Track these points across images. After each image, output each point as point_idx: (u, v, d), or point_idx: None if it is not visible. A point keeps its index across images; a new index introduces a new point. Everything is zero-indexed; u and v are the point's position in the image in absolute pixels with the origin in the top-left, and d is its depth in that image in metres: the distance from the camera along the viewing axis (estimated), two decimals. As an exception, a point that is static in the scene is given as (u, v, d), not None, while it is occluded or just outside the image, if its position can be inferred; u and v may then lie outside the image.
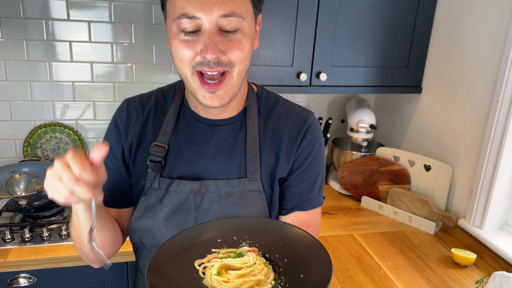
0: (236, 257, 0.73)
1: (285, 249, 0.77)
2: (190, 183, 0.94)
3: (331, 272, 0.68)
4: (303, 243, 0.77)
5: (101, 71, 1.93)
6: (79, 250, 0.97)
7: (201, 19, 0.79)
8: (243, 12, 0.82)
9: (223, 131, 0.97)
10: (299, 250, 0.76)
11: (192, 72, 0.84)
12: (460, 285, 1.37)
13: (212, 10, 0.78)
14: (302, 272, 0.71)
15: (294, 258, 0.75)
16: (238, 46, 0.83)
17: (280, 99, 1.03)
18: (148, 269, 0.72)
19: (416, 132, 1.95)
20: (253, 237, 0.82)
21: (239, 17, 0.81)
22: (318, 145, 1.00)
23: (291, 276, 0.71)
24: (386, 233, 1.67)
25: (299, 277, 0.70)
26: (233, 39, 0.82)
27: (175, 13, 0.81)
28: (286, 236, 0.80)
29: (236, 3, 0.80)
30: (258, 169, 0.95)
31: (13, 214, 1.64)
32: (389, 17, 1.71)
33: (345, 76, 1.75)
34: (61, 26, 1.83)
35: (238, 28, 0.82)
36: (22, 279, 1.41)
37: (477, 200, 1.56)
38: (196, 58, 0.82)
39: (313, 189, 1.00)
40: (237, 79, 0.87)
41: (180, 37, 0.82)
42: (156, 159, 0.95)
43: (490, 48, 1.51)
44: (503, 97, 1.44)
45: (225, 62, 0.82)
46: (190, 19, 0.79)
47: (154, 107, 1.00)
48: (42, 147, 1.96)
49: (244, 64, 0.86)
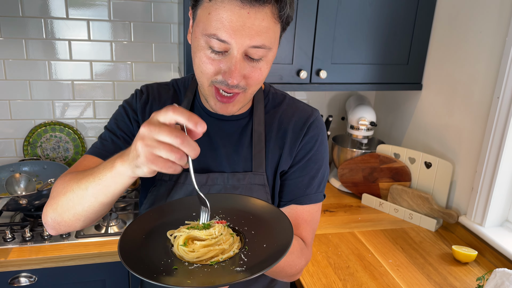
0: (203, 228, 0.78)
1: (254, 222, 0.84)
2: (197, 176, 0.97)
3: (291, 242, 0.74)
4: (272, 217, 0.84)
5: (100, 70, 1.93)
6: (78, 205, 0.81)
7: (231, 45, 0.80)
8: (272, 42, 0.83)
9: (231, 125, 1.00)
10: (266, 223, 0.83)
11: (210, 84, 0.86)
12: (461, 282, 1.37)
13: (244, 40, 0.79)
14: (265, 242, 0.78)
15: (261, 230, 0.82)
16: (258, 72, 0.85)
17: (287, 97, 1.07)
18: (121, 236, 0.76)
19: (416, 129, 1.95)
20: (226, 212, 0.88)
21: (267, 48, 0.83)
22: (320, 141, 1.02)
23: (255, 246, 0.78)
24: (387, 231, 1.67)
25: (262, 246, 0.77)
26: (256, 66, 0.84)
27: (206, 29, 0.81)
28: (256, 210, 0.87)
29: (268, 36, 0.81)
30: (263, 163, 0.99)
31: (14, 214, 1.64)
32: (388, 13, 1.71)
33: (345, 73, 1.75)
34: (60, 24, 1.82)
35: (264, 57, 0.84)
36: (23, 278, 1.42)
37: (477, 197, 1.56)
38: (218, 76, 0.84)
39: (312, 184, 1.02)
40: (249, 96, 0.90)
41: (206, 53, 0.83)
42: None
43: (490, 45, 1.51)
44: (503, 94, 1.43)
45: (242, 85, 0.85)
46: (220, 42, 0.80)
47: (171, 98, 1.04)
48: (42, 146, 1.95)
49: (259, 86, 0.89)
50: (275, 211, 0.86)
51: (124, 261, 0.70)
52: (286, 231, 0.79)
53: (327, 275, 1.37)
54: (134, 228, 0.81)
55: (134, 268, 0.68)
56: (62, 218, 0.84)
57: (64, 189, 0.83)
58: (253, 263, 0.73)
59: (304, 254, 0.99)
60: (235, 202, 0.90)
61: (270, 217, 0.85)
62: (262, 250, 0.76)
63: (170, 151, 0.64)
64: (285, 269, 0.95)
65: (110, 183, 0.74)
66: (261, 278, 1.09)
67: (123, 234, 0.78)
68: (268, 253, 0.75)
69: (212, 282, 0.68)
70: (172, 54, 1.98)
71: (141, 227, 0.82)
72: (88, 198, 0.78)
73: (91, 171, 0.78)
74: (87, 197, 0.78)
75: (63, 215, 0.83)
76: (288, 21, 0.86)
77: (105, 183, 0.75)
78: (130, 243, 0.76)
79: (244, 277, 0.67)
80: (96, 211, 0.81)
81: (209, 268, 0.73)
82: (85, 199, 0.78)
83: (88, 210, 0.81)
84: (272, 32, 0.82)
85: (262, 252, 0.75)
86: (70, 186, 0.81)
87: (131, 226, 0.81)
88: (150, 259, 0.74)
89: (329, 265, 1.43)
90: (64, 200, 0.82)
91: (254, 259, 0.74)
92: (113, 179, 0.73)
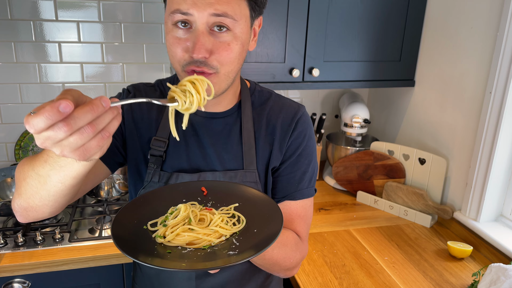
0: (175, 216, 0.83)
1: (246, 208, 0.88)
2: (188, 176, 0.98)
3: (280, 228, 0.76)
4: (262, 203, 0.87)
5: (91, 72, 1.91)
6: (42, 191, 0.76)
7: (193, 16, 0.81)
8: (236, 14, 0.83)
9: (218, 124, 1.01)
10: (255, 209, 0.86)
11: (182, 70, 0.87)
12: (457, 277, 1.37)
13: (205, 8, 0.80)
14: (255, 228, 0.81)
15: (251, 216, 0.85)
16: (226, 48, 0.84)
17: (273, 94, 1.08)
18: (114, 220, 0.79)
19: (410, 125, 1.95)
20: (216, 199, 0.91)
21: (231, 19, 0.82)
22: (308, 136, 1.04)
23: (245, 231, 0.81)
24: (382, 228, 1.67)
25: (253, 232, 0.80)
26: (222, 40, 0.84)
27: (170, 7, 0.83)
28: (246, 197, 0.90)
29: (230, 5, 0.82)
30: (254, 161, 1.00)
31: (6, 219, 1.62)
32: (380, 10, 1.70)
33: (338, 71, 1.74)
34: (49, 27, 1.80)
35: (229, 30, 0.83)
36: (16, 284, 1.40)
37: (472, 192, 1.56)
38: (185, 56, 0.84)
39: (303, 179, 1.03)
40: (223, 78, 0.88)
41: (173, 33, 0.85)
42: (157, 153, 0.99)
43: (482, 40, 1.51)
44: (495, 89, 1.44)
45: (211, 64, 0.84)
46: (183, 15, 0.82)
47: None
48: (34, 150, 1.93)
49: (231, 66, 0.87)
50: (263, 197, 0.88)
51: (120, 247, 0.71)
52: (276, 216, 0.81)
53: (323, 274, 1.37)
54: (126, 214, 0.83)
55: (129, 253, 0.70)
56: (28, 204, 0.80)
57: (21, 175, 0.78)
58: (245, 247, 0.75)
59: (300, 248, 1.00)
60: (225, 189, 0.93)
61: (259, 203, 0.87)
62: (253, 235, 0.79)
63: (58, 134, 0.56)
64: (279, 262, 0.96)
65: (76, 166, 0.68)
66: (256, 275, 1.08)
67: (116, 219, 0.80)
68: (259, 237, 0.77)
69: (206, 265, 0.70)
70: (163, 55, 1.96)
71: (133, 212, 0.85)
72: (53, 184, 0.72)
73: (44, 158, 0.71)
74: (52, 183, 0.72)
75: (28, 200, 0.79)
76: (258, 2, 0.87)
77: (70, 168, 0.69)
78: (123, 228, 0.79)
79: (238, 260, 0.69)
80: (65, 194, 0.76)
81: (202, 251, 0.75)
82: (49, 184, 0.73)
83: (55, 194, 0.75)
84: (236, 3, 0.83)
85: (253, 237, 0.78)
86: (27, 172, 0.76)
87: (124, 210, 0.84)
88: (144, 244, 0.77)
89: (325, 263, 1.43)
90: (25, 186, 0.77)
91: (246, 243, 0.77)
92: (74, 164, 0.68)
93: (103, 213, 1.68)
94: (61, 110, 0.54)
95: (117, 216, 0.81)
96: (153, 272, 1.08)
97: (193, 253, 0.75)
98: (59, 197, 0.77)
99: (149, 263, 0.68)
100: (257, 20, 0.92)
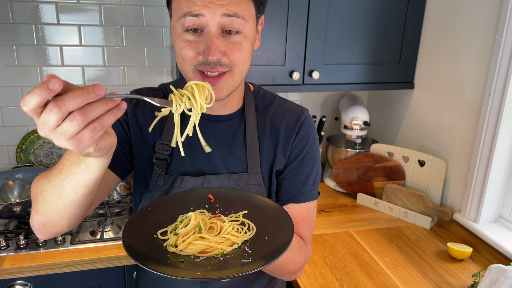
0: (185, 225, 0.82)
1: (254, 215, 0.87)
2: (193, 179, 0.98)
3: (292, 235, 0.76)
4: (270, 210, 0.87)
5: (93, 75, 1.92)
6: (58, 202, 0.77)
7: (205, 17, 0.82)
8: (246, 14, 0.85)
9: (223, 127, 1.01)
10: (265, 217, 0.86)
11: (194, 70, 0.87)
12: (456, 279, 1.38)
13: (216, 9, 0.81)
14: (266, 235, 0.80)
15: (261, 223, 0.85)
16: (238, 48, 0.86)
17: (276, 97, 1.08)
18: (124, 230, 0.79)
19: (409, 127, 1.96)
20: (224, 206, 0.91)
21: (241, 19, 0.84)
22: (312, 139, 1.04)
23: (256, 238, 0.81)
24: (382, 229, 1.68)
25: (264, 239, 0.80)
26: (234, 41, 0.85)
27: (180, 12, 0.84)
28: (254, 204, 0.90)
29: (240, 6, 0.83)
30: (258, 164, 1.00)
31: (8, 221, 1.63)
32: (379, 13, 1.71)
33: (338, 73, 1.75)
34: (51, 30, 1.81)
35: (240, 30, 0.85)
36: (18, 286, 1.40)
37: (471, 194, 1.57)
38: (198, 58, 0.85)
39: (307, 182, 1.03)
40: (237, 77, 0.90)
41: (183, 37, 0.85)
42: (162, 156, 0.99)
43: (480, 42, 1.52)
44: (494, 91, 1.45)
45: (226, 63, 0.85)
46: (195, 17, 0.82)
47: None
48: (35, 153, 1.94)
49: (244, 66, 0.89)
50: (271, 204, 0.88)
51: (133, 257, 0.70)
52: (286, 223, 0.81)
53: (323, 275, 1.38)
54: (135, 223, 0.83)
55: (143, 263, 0.69)
56: (46, 219, 0.81)
57: (38, 189, 0.79)
58: (258, 255, 0.74)
59: (303, 251, 1.00)
60: (232, 195, 0.93)
61: (267, 209, 0.87)
62: (265, 243, 0.78)
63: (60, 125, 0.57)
64: (284, 266, 0.96)
65: (86, 174, 0.70)
66: (260, 278, 1.09)
67: (126, 228, 0.80)
68: (272, 245, 0.76)
69: (221, 274, 0.70)
70: (164, 58, 1.97)
71: (143, 220, 0.85)
72: (67, 194, 0.74)
73: (59, 168, 0.73)
74: (66, 193, 0.74)
75: (45, 215, 0.80)
76: (262, 1, 0.89)
77: (82, 176, 0.70)
78: (134, 237, 0.78)
79: (252, 268, 0.69)
80: (79, 204, 0.77)
81: (215, 260, 0.74)
82: (64, 195, 0.74)
83: (70, 205, 0.77)
84: (245, 4, 0.84)
85: (265, 244, 0.78)
86: (44, 186, 0.77)
87: (132, 220, 0.83)
88: (157, 254, 0.76)
89: (325, 265, 1.43)
90: (42, 200, 0.79)
91: (259, 251, 0.76)
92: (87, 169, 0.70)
93: (105, 216, 1.69)
94: (50, 87, 0.54)
95: (126, 225, 0.80)
96: (158, 276, 1.07)
97: (206, 261, 0.74)
98: (74, 208, 0.77)
99: (164, 272, 0.67)
100: (260, 19, 0.94)
